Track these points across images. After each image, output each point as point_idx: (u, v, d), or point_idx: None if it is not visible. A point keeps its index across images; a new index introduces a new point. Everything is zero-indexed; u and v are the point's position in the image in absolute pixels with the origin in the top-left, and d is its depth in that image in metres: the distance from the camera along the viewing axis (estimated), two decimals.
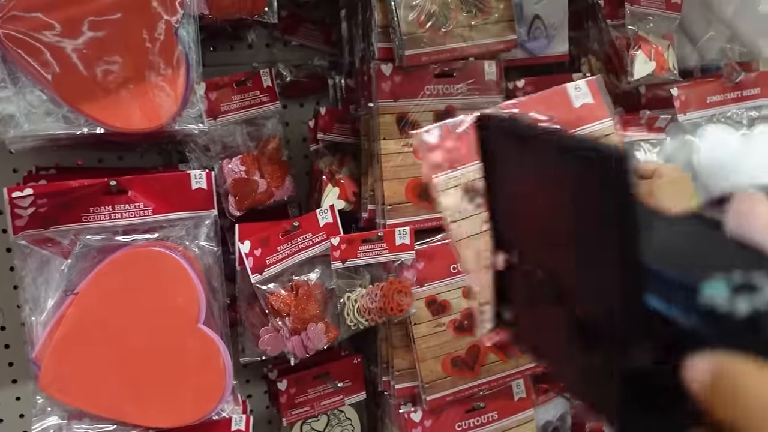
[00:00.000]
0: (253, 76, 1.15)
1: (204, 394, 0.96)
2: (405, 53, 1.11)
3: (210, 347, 0.96)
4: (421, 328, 1.20)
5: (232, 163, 1.12)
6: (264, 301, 1.07)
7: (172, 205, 0.96)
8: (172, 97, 0.92)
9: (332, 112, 1.22)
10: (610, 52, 1.36)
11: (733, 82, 1.47)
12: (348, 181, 1.21)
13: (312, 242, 1.11)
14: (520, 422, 1.31)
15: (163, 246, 0.95)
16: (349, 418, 1.27)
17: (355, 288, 1.15)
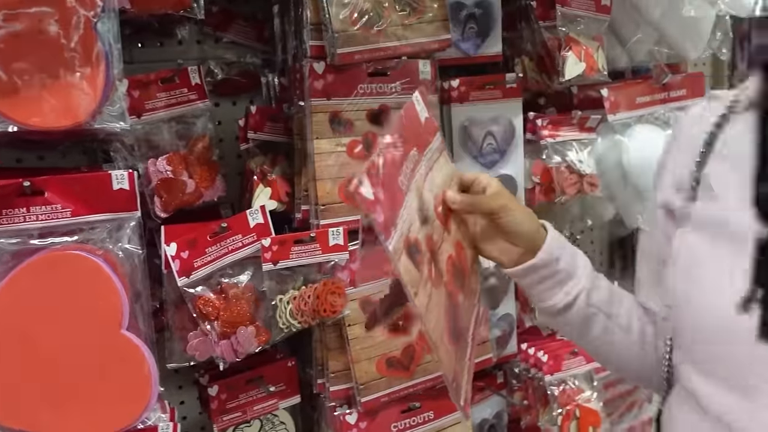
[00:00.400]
0: (179, 73, 1.12)
1: (128, 402, 0.93)
2: (337, 51, 1.10)
3: (134, 353, 0.93)
4: (355, 329, 1.19)
5: (158, 162, 1.08)
6: (192, 304, 1.04)
7: (92, 207, 0.92)
8: (91, 93, 0.88)
9: (263, 111, 1.20)
10: (543, 53, 1.37)
11: (660, 84, 1.51)
12: (280, 181, 1.19)
13: (242, 244, 1.08)
14: (456, 421, 1.32)
15: (82, 249, 0.91)
16: (283, 422, 1.25)
17: (287, 290, 1.13)
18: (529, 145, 1.40)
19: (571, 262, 0.86)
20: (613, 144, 1.47)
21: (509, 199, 0.84)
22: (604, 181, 1.44)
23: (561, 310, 0.86)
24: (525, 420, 1.50)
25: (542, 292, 0.86)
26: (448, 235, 0.83)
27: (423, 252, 0.76)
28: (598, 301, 0.86)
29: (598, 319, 0.87)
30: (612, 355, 0.90)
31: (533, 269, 0.84)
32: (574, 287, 0.85)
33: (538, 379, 1.45)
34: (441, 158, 0.86)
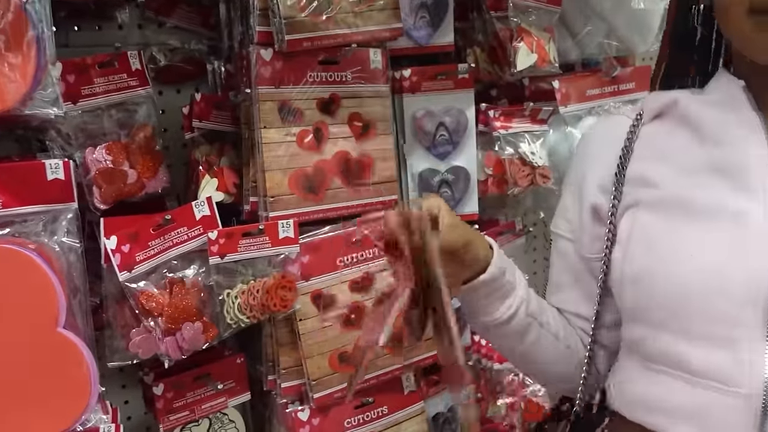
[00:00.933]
0: (119, 58, 1.07)
1: (66, 403, 0.89)
2: (285, 38, 1.07)
3: (71, 352, 0.88)
4: (306, 323, 1.16)
5: (97, 151, 1.03)
6: (134, 300, 1.00)
7: (24, 198, 0.87)
8: (21, 77, 0.83)
9: (208, 99, 1.16)
10: (495, 44, 1.37)
11: (610, 77, 1.53)
12: (228, 171, 1.15)
13: (188, 237, 1.04)
14: (410, 415, 1.30)
15: (13, 243, 0.86)
16: (233, 421, 1.22)
17: (235, 284, 1.09)
18: (481, 136, 1.39)
19: (512, 274, 0.87)
20: (564, 136, 1.47)
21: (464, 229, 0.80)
22: (556, 173, 1.45)
23: (503, 322, 0.86)
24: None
25: (487, 306, 0.85)
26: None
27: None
28: (534, 311, 0.88)
29: (533, 328, 0.88)
30: (541, 362, 0.92)
31: (484, 284, 0.83)
32: (516, 298, 0.86)
33: (489, 369, 1.45)
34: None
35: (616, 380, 0.87)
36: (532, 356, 0.91)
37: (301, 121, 1.14)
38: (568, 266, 0.93)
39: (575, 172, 0.93)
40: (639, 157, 0.85)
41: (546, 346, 0.90)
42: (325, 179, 1.17)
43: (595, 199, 0.87)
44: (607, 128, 0.93)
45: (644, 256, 0.80)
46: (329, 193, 1.17)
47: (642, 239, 0.80)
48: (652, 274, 0.78)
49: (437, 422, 1.44)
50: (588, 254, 0.89)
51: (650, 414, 0.80)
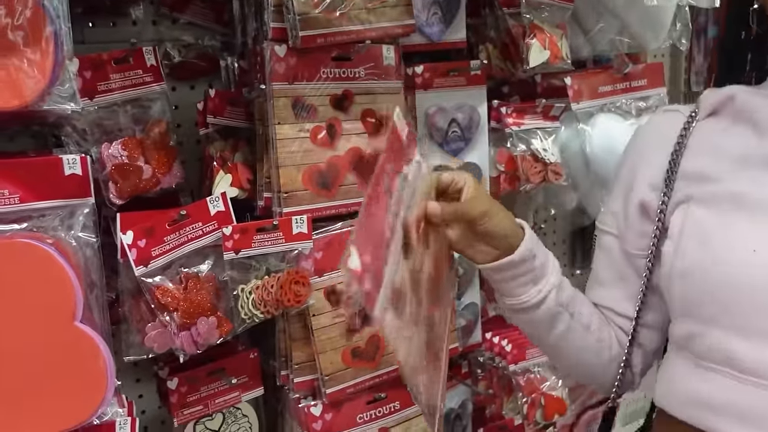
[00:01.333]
0: (134, 54, 1.07)
1: (83, 396, 0.89)
2: (299, 34, 1.07)
3: (88, 346, 0.89)
4: (320, 319, 1.17)
5: (113, 147, 1.04)
6: (150, 295, 1.00)
7: (42, 193, 0.87)
8: (39, 73, 0.83)
9: (223, 95, 1.16)
10: (507, 40, 1.37)
11: (622, 73, 1.52)
12: (242, 167, 1.15)
13: (202, 232, 1.05)
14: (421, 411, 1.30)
15: (31, 237, 0.87)
16: (246, 416, 1.22)
17: (249, 279, 1.10)
18: (493, 133, 1.39)
19: (544, 260, 0.87)
20: (575, 133, 1.47)
21: (489, 202, 0.83)
22: (568, 170, 1.45)
23: (531, 307, 0.86)
24: (489, 409, 1.50)
25: (515, 288, 0.86)
26: (428, 251, 0.81)
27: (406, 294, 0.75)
28: (565, 300, 0.88)
29: (563, 317, 0.88)
30: (570, 353, 0.92)
31: (511, 265, 0.84)
32: (546, 285, 0.86)
33: (502, 368, 1.45)
34: (422, 170, 0.83)
35: (663, 377, 0.87)
36: (561, 346, 0.90)
37: (315, 118, 1.15)
38: (611, 263, 0.92)
39: (625, 167, 0.92)
40: (693, 153, 0.85)
41: (575, 338, 0.89)
42: (339, 175, 1.17)
43: (644, 196, 0.87)
44: (660, 124, 0.92)
45: (697, 250, 0.79)
46: (342, 189, 1.18)
47: (695, 234, 0.80)
48: (705, 268, 0.77)
49: (448, 418, 1.45)
50: (633, 250, 0.89)
51: (698, 412, 0.79)
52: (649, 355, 0.93)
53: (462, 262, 1.38)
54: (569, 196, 1.54)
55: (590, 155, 1.45)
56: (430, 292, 0.81)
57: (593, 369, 0.93)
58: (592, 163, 1.46)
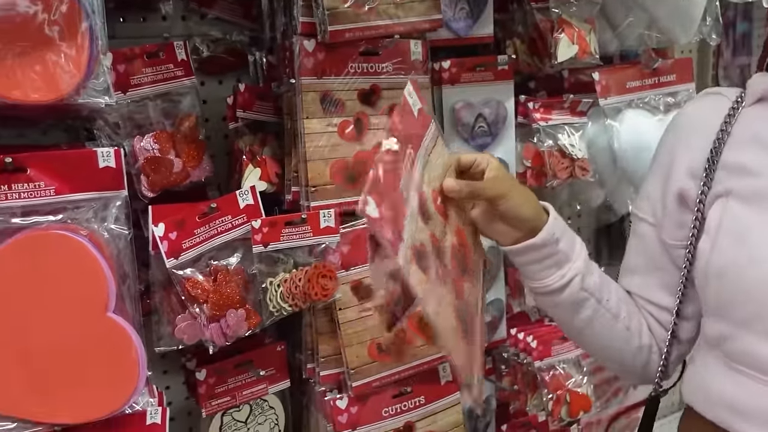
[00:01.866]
0: (165, 48, 1.08)
1: (115, 386, 0.91)
2: (328, 29, 1.07)
3: (121, 337, 0.90)
4: (346, 313, 1.17)
5: (145, 140, 1.05)
6: (180, 287, 1.01)
7: (77, 185, 0.89)
8: (74, 67, 0.85)
9: (252, 89, 1.17)
10: (535, 35, 1.36)
11: (650, 69, 1.51)
12: (270, 161, 1.16)
13: (232, 225, 1.06)
14: (446, 405, 1.31)
15: (66, 229, 0.88)
16: (272, 407, 1.23)
17: (277, 273, 1.10)
18: (520, 128, 1.39)
19: (569, 245, 0.86)
20: (603, 128, 1.46)
21: (509, 184, 0.83)
22: (595, 166, 1.44)
23: (555, 291, 0.86)
24: (514, 405, 1.50)
25: (539, 271, 0.86)
26: (448, 225, 0.82)
27: (428, 254, 0.75)
28: (591, 286, 0.87)
29: (588, 303, 0.87)
30: (597, 340, 0.91)
31: (533, 248, 0.83)
32: (570, 270, 0.85)
33: (527, 364, 1.44)
34: (437, 147, 0.85)
35: (693, 373, 0.86)
36: (587, 332, 0.89)
37: (343, 112, 1.15)
38: (645, 251, 0.91)
39: (664, 153, 0.89)
40: (736, 142, 0.81)
41: (603, 324, 0.88)
42: (366, 169, 1.17)
43: (683, 185, 0.83)
44: (702, 108, 0.88)
45: (733, 248, 0.77)
46: None
47: (732, 231, 0.77)
48: (740, 268, 0.75)
49: (471, 413, 1.45)
50: (670, 240, 0.86)
51: (726, 414, 0.78)
52: (684, 345, 0.91)
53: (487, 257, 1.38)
54: (596, 192, 1.53)
55: (618, 151, 1.44)
56: (457, 264, 0.81)
57: (621, 356, 0.91)
58: (619, 159, 1.45)
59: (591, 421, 1.61)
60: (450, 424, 1.31)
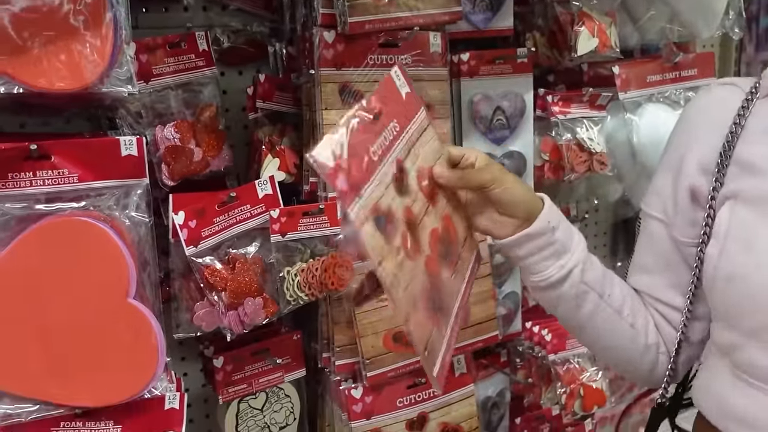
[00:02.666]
0: (187, 38, 1.09)
1: (135, 371, 0.92)
2: (348, 20, 1.08)
3: (141, 322, 0.91)
4: None
5: (166, 129, 1.06)
6: (199, 274, 1.03)
7: (99, 173, 0.90)
8: (99, 56, 0.86)
9: (272, 80, 1.18)
10: (555, 28, 1.35)
11: (671, 63, 1.49)
12: (289, 152, 1.17)
13: (250, 214, 1.07)
14: (460, 397, 1.31)
15: (89, 216, 0.90)
16: (288, 396, 1.24)
17: (295, 262, 1.11)
18: (538, 121, 1.39)
19: (567, 235, 0.83)
20: (622, 122, 1.45)
21: (500, 171, 0.81)
22: (613, 160, 1.43)
23: (555, 283, 0.83)
24: (528, 398, 1.50)
25: (537, 263, 0.82)
26: (434, 209, 0.81)
27: (396, 222, 0.74)
28: (591, 279, 0.84)
29: (590, 297, 0.84)
30: (600, 337, 0.88)
31: (529, 237, 0.81)
32: (570, 261, 0.82)
33: (541, 357, 1.45)
34: (426, 133, 0.84)
35: (703, 380, 0.84)
36: (590, 329, 0.87)
37: None
38: (656, 249, 0.87)
39: (674, 147, 0.86)
40: (749, 137, 0.77)
41: (605, 320, 0.86)
42: None
43: (694, 181, 0.80)
44: (715, 100, 0.84)
45: (740, 255, 0.74)
46: None
47: (740, 237, 0.75)
48: (746, 276, 0.73)
49: (485, 406, 1.45)
50: (682, 238, 0.83)
51: (734, 425, 0.77)
52: (694, 347, 0.88)
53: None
54: (614, 186, 1.53)
55: (637, 145, 1.43)
56: (436, 249, 0.79)
57: (627, 355, 0.88)
58: (638, 154, 1.44)
59: (605, 416, 1.61)
60: (464, 416, 1.31)
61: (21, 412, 0.87)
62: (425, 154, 0.82)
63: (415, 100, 0.83)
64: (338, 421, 1.25)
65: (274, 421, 1.24)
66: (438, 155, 0.84)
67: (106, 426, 0.92)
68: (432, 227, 0.79)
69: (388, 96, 0.78)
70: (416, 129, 0.82)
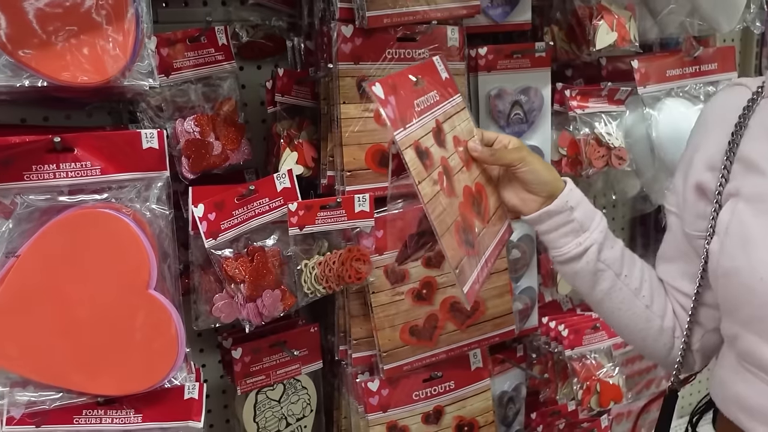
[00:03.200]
0: (207, 33, 1.10)
1: (155, 361, 0.93)
2: (366, 14, 1.08)
3: (161, 313, 0.93)
4: (379, 296, 1.19)
5: (186, 122, 1.07)
6: (218, 266, 1.04)
7: (121, 165, 0.91)
8: (121, 50, 0.87)
9: (291, 74, 1.19)
10: (573, 22, 1.35)
11: (691, 57, 1.48)
12: (307, 145, 1.18)
13: (269, 207, 1.08)
14: (476, 392, 1.32)
15: (111, 208, 0.91)
16: (305, 388, 1.25)
17: (312, 255, 1.12)
18: (556, 116, 1.38)
19: (587, 216, 0.91)
20: (641, 117, 1.44)
21: (528, 153, 0.91)
22: (632, 155, 1.42)
23: (572, 258, 0.91)
24: (543, 393, 1.50)
25: (557, 239, 0.91)
26: (468, 172, 0.90)
27: (434, 161, 0.83)
28: (609, 259, 0.91)
29: (606, 275, 0.91)
30: (616, 314, 0.95)
31: (548, 215, 0.90)
32: (587, 240, 0.90)
33: (557, 353, 1.44)
34: (461, 114, 0.95)
35: (715, 371, 0.88)
36: (606, 305, 0.94)
37: None
38: (673, 240, 0.94)
39: (689, 146, 0.92)
40: (751, 135, 0.82)
41: (621, 299, 0.92)
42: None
43: (701, 177, 0.86)
44: (724, 100, 0.90)
45: (738, 251, 0.79)
46: None
47: (738, 234, 0.79)
48: (740, 271, 0.77)
49: (501, 401, 1.45)
50: (690, 231, 0.89)
51: (736, 411, 0.81)
52: (709, 335, 0.92)
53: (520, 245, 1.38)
54: (632, 182, 1.52)
55: (656, 140, 1.42)
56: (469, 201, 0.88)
57: (642, 334, 0.94)
58: (657, 149, 1.43)
59: (621, 412, 1.60)
60: (479, 410, 1.32)
61: (45, 399, 0.89)
62: (461, 129, 0.93)
63: (453, 85, 0.94)
64: (354, 414, 1.25)
65: (291, 412, 1.25)
66: (471, 135, 0.94)
67: (127, 414, 0.94)
68: (465, 183, 0.89)
69: (429, 73, 0.89)
70: (454, 106, 0.93)
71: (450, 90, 0.93)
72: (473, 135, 0.94)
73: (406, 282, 1.20)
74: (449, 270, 1.16)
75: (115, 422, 0.93)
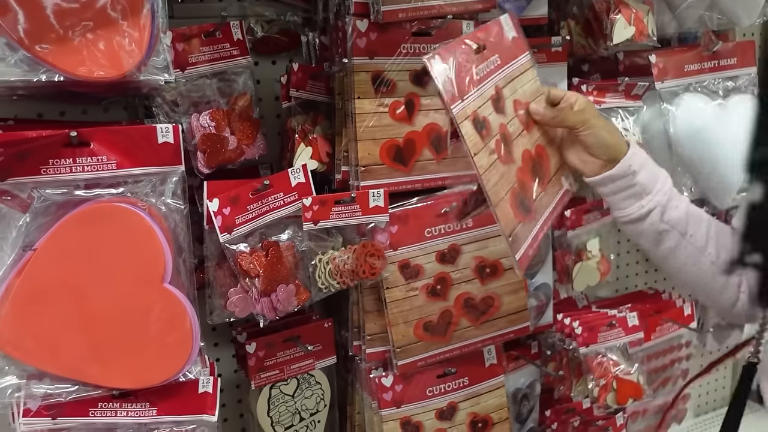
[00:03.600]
0: (222, 28, 1.10)
1: (170, 355, 0.94)
2: (381, 9, 1.08)
3: (176, 307, 0.93)
4: (393, 292, 1.18)
5: (202, 117, 1.07)
6: (233, 261, 1.04)
7: (137, 160, 0.92)
8: (137, 45, 0.87)
9: (306, 69, 1.18)
10: (590, 16, 1.33)
11: (710, 52, 1.46)
12: (321, 140, 1.18)
13: (283, 202, 1.08)
14: (490, 388, 1.31)
15: (127, 202, 0.91)
16: (319, 383, 1.26)
17: (327, 250, 1.12)
18: None
19: (650, 178, 0.93)
20: (658, 113, 1.43)
21: (593, 114, 0.92)
22: (649, 151, 1.40)
23: (635, 220, 0.93)
24: (558, 390, 1.49)
25: (619, 201, 0.94)
26: (528, 135, 0.93)
27: (492, 130, 0.86)
28: (673, 219, 0.93)
29: (670, 235, 0.93)
30: (681, 270, 0.97)
31: (610, 179, 0.92)
32: (650, 202, 0.92)
33: (572, 350, 1.43)
34: (528, 74, 0.97)
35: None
36: (671, 262, 0.96)
37: (394, 93, 1.15)
38: None
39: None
40: None
41: (687, 256, 0.94)
42: (416, 150, 1.18)
43: None
44: None
45: None
46: (418, 164, 1.18)
47: None
48: None
49: (515, 397, 1.45)
50: None
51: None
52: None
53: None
54: None
55: (673, 136, 1.41)
56: (528, 165, 0.90)
57: (707, 289, 0.96)
58: (675, 145, 1.41)
59: (637, 410, 1.59)
60: (493, 407, 1.31)
61: (61, 392, 0.90)
62: (524, 91, 0.95)
63: (521, 44, 0.97)
64: (368, 409, 1.25)
65: (305, 407, 1.25)
66: (537, 95, 0.96)
67: (142, 407, 0.94)
68: (525, 148, 0.91)
69: (492, 36, 0.93)
70: (518, 67, 0.95)
71: (516, 50, 0.95)
72: (539, 94, 0.95)
73: (420, 278, 1.20)
74: (465, 266, 1.20)
75: (130, 415, 0.94)
